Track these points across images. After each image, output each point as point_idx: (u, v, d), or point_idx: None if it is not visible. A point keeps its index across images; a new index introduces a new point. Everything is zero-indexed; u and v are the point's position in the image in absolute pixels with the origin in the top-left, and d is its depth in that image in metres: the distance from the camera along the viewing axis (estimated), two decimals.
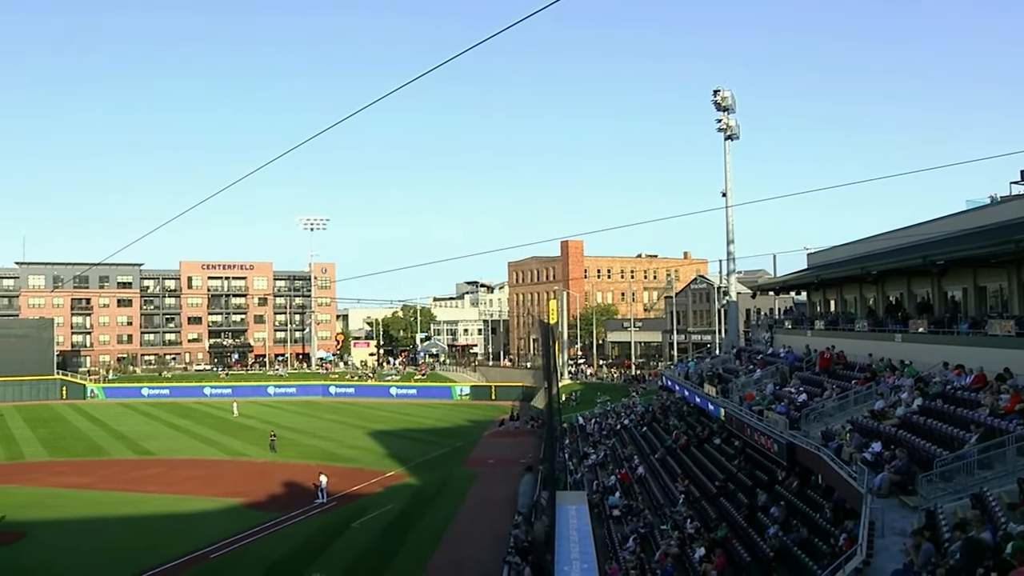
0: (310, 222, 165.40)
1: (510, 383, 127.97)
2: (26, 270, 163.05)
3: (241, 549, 45.81)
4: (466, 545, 45.69)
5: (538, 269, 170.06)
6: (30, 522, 52.12)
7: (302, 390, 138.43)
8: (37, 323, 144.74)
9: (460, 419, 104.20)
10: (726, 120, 71.73)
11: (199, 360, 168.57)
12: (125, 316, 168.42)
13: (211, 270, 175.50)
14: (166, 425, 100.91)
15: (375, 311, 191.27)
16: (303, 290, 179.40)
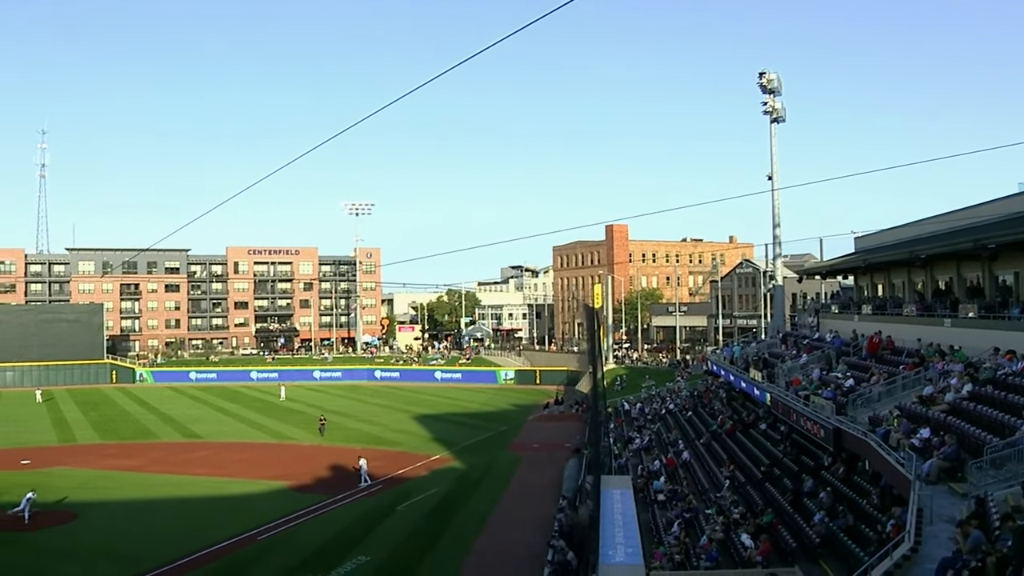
0: (355, 207, 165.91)
1: (555, 367, 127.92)
2: (76, 256, 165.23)
3: (288, 531, 46.23)
4: (511, 529, 45.79)
5: (583, 253, 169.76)
6: (82, 503, 52.96)
7: (347, 374, 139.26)
8: (87, 308, 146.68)
9: (505, 403, 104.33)
10: (772, 102, 70.95)
11: (246, 344, 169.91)
12: (173, 301, 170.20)
13: (257, 255, 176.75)
14: (213, 409, 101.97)
15: (420, 296, 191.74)
16: (348, 275, 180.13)
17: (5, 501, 52.77)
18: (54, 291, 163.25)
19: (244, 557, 41.44)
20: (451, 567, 38.75)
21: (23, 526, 47.56)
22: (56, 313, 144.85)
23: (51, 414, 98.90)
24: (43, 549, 43.48)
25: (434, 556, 40.99)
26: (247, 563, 40.32)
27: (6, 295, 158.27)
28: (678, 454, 54.63)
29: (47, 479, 55.74)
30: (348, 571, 38.58)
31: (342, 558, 40.33)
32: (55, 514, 49.90)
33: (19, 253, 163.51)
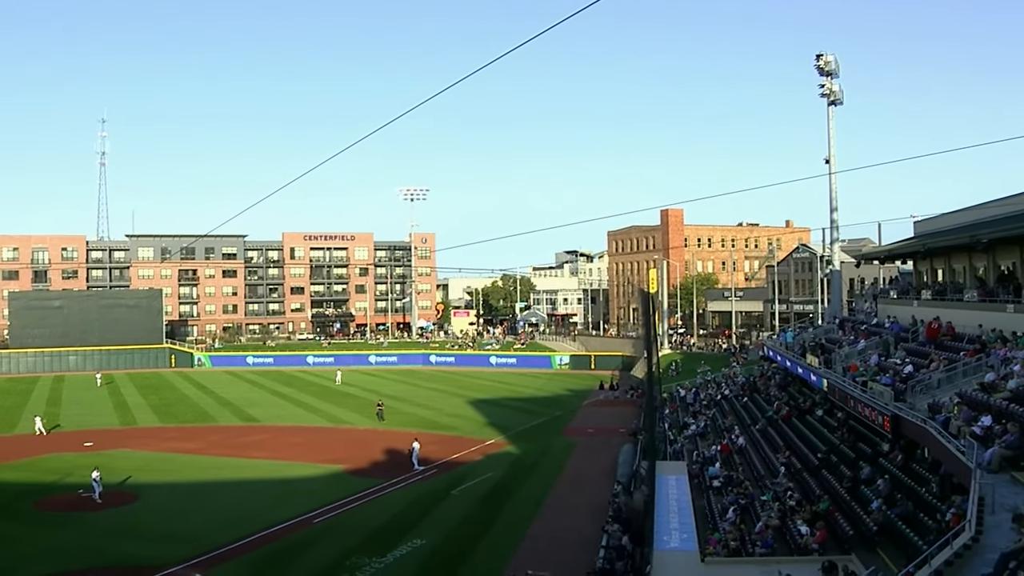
0: (410, 192, 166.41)
1: (610, 353, 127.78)
2: (136, 243, 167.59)
3: (344, 514, 46.62)
4: (565, 514, 45.83)
5: (638, 238, 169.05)
6: (142, 485, 53.89)
7: (403, 359, 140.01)
8: (147, 294, 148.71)
9: (559, 388, 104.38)
10: (829, 85, 69.99)
11: (302, 329, 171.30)
12: (230, 286, 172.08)
13: (313, 241, 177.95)
14: (270, 393, 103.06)
15: (475, 281, 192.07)
16: (403, 260, 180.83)
17: (71, 482, 53.96)
18: (114, 277, 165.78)
19: (300, 540, 41.87)
20: (505, 551, 38.88)
21: (88, 506, 48.59)
22: (117, 299, 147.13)
23: (113, 398, 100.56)
24: (106, 529, 44.38)
25: (488, 540, 41.15)
26: (303, 546, 40.74)
27: (68, 281, 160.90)
28: (733, 440, 54.32)
29: (109, 461, 56.69)
30: (403, 554, 38.84)
31: (397, 541, 40.63)
32: (118, 495, 50.81)
33: (81, 240, 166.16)
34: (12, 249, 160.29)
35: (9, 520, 46.13)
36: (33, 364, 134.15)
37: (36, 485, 54.25)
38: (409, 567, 37.11)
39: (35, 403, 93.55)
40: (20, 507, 49.07)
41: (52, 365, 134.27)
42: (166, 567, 37.16)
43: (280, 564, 38.04)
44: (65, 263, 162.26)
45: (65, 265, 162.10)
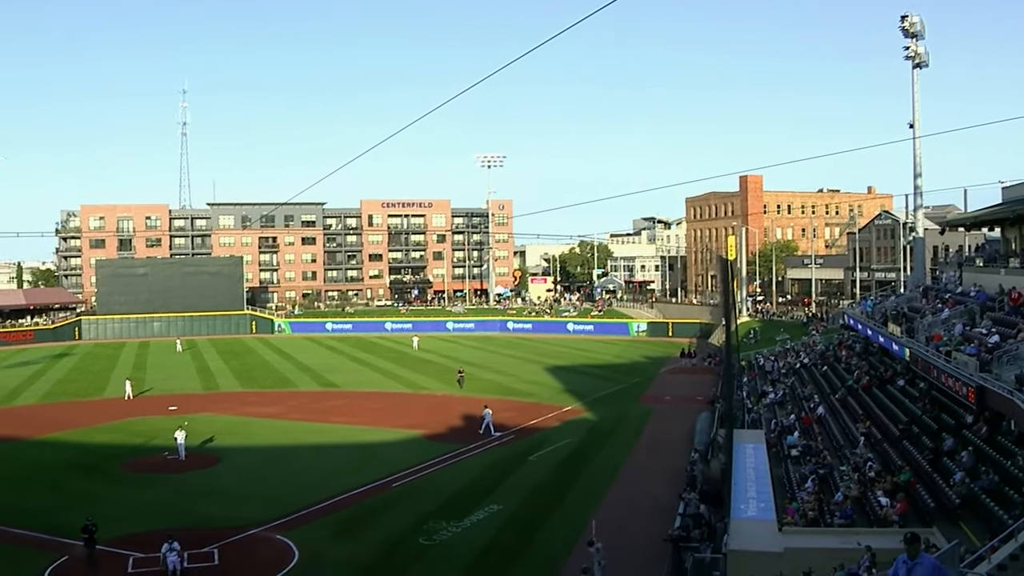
0: (487, 159, 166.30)
1: (687, 320, 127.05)
2: (217, 211, 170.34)
3: (421, 479, 47.10)
4: (641, 481, 45.80)
5: (716, 204, 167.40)
6: (225, 448, 55.08)
7: (480, 325, 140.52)
8: (228, 261, 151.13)
9: (637, 355, 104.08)
10: (914, 47, 68.31)
11: (380, 296, 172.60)
12: (309, 253, 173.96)
13: (391, 208, 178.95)
14: (349, 359, 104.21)
15: (552, 247, 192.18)
16: (481, 227, 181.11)
17: (156, 444, 55.28)
18: (196, 245, 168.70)
19: (379, 503, 42.41)
20: (582, 517, 38.91)
21: (172, 468, 49.78)
22: (199, 266, 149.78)
23: (195, 363, 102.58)
24: (190, 490, 45.44)
25: (565, 506, 41.28)
26: (381, 509, 41.26)
27: (152, 249, 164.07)
28: (812, 409, 53.74)
29: (192, 424, 57.87)
30: (480, 519, 39.16)
31: (474, 506, 40.96)
32: (200, 457, 52.00)
33: (164, 209, 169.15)
34: (99, 218, 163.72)
35: (98, 481, 47.52)
36: (119, 330, 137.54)
37: (123, 447, 55.74)
38: (486, 532, 37.42)
39: (122, 368, 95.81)
40: (108, 468, 50.44)
41: (137, 331, 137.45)
42: (247, 528, 37.95)
43: (358, 527, 38.59)
44: (149, 231, 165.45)
45: (149, 233, 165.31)
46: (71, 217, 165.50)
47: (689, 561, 28.89)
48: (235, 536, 36.88)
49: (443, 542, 36.18)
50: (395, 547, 35.83)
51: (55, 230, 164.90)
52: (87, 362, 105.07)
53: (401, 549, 35.55)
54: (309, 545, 35.84)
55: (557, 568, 31.93)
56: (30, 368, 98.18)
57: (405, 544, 36.08)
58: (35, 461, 51.98)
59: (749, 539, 27.07)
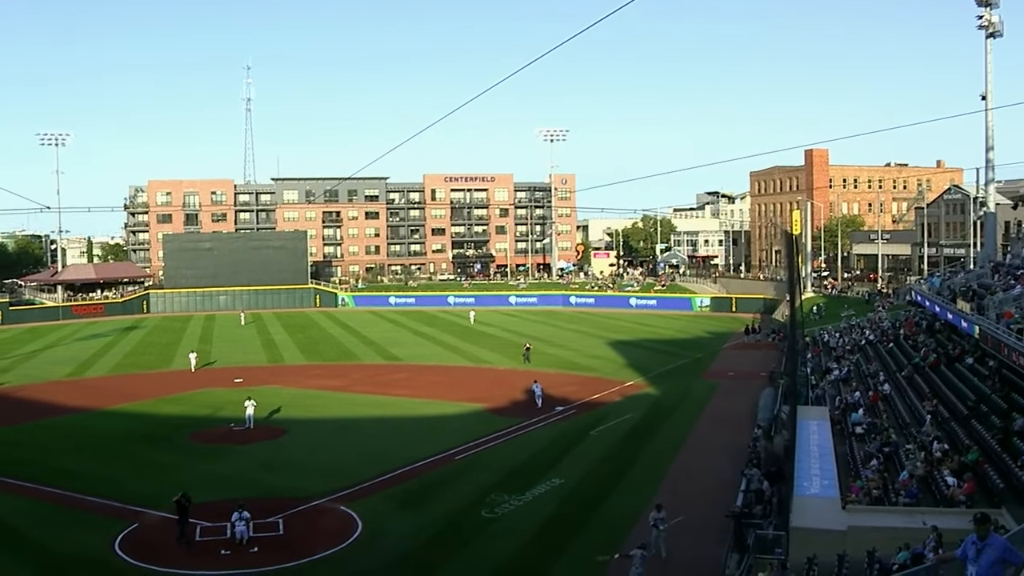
0: (550, 133, 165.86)
1: (751, 295, 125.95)
2: (281, 186, 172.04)
3: (484, 452, 47.38)
4: (704, 456, 45.65)
5: (781, 179, 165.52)
6: (290, 420, 55.85)
7: (543, 299, 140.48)
8: (292, 235, 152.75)
9: (700, 330, 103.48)
10: (988, 16, 66.69)
11: (443, 270, 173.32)
12: (373, 228, 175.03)
13: (454, 182, 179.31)
14: (412, 332, 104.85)
15: (615, 222, 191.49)
16: (543, 201, 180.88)
17: (222, 416, 56.19)
18: (261, 219, 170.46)
19: (442, 476, 42.76)
20: (644, 493, 38.92)
21: (238, 439, 50.67)
22: (263, 240, 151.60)
23: (260, 336, 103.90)
24: (256, 461, 46.22)
25: (627, 481, 41.29)
26: (444, 482, 41.58)
27: (218, 224, 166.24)
28: (878, 386, 53.10)
29: (258, 397, 58.61)
30: (542, 492, 39.30)
31: (536, 480, 41.11)
32: (267, 429, 52.79)
33: (229, 184, 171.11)
34: (165, 193, 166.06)
35: (167, 451, 48.50)
36: (186, 303, 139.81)
37: (190, 418, 56.76)
38: (547, 505, 37.55)
39: (188, 341, 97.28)
40: (177, 439, 51.45)
41: (203, 304, 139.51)
42: (312, 499, 38.47)
43: (422, 499, 38.92)
44: (215, 206, 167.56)
45: (215, 208, 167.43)
46: (139, 193, 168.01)
47: (751, 537, 28.77)
48: (300, 507, 37.43)
49: (505, 515, 36.40)
50: (457, 519, 36.12)
51: (123, 205, 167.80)
52: (155, 335, 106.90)
53: (463, 522, 35.83)
54: (372, 517, 36.24)
55: (619, 542, 31.95)
56: (101, 340, 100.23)
57: (467, 517, 36.36)
58: (106, 431, 53.17)
59: (812, 516, 26.90)
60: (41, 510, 37.88)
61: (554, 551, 32.20)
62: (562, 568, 30.76)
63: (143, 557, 31.96)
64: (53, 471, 43.64)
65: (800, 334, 60.64)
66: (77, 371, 78.27)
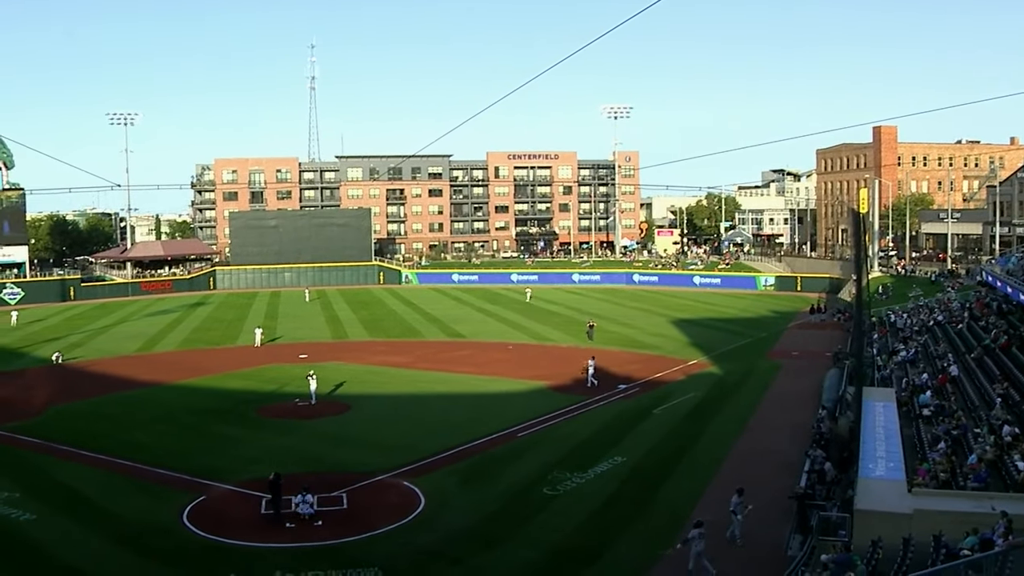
0: (614, 110, 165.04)
1: (816, 274, 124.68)
2: (345, 163, 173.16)
3: (546, 430, 47.42)
4: (767, 436, 45.31)
5: (848, 156, 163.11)
6: (355, 395, 56.40)
7: (606, 278, 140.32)
8: (356, 213, 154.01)
9: (764, 309, 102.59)
10: None
11: (506, 248, 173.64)
12: (436, 205, 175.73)
13: (517, 160, 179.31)
14: (475, 309, 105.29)
15: (679, 200, 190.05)
16: (607, 178, 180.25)
17: (288, 391, 56.92)
18: (326, 197, 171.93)
19: (504, 453, 42.92)
20: (706, 471, 38.81)
21: (304, 414, 51.36)
22: (328, 218, 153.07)
23: (325, 312, 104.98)
24: (321, 436, 46.82)
25: (690, 459, 41.14)
26: (507, 458, 41.73)
27: (283, 201, 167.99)
28: (946, 368, 52.30)
29: (322, 372, 59.30)
30: (604, 471, 39.29)
31: (599, 457, 41.11)
32: (331, 404, 53.40)
33: (294, 162, 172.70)
34: (231, 172, 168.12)
35: (236, 425, 49.41)
36: (252, 280, 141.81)
37: (257, 393, 57.62)
38: (609, 483, 37.55)
39: (254, 317, 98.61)
40: (244, 412, 52.36)
41: (269, 281, 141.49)
42: (375, 474, 38.85)
43: (484, 475, 39.16)
44: (280, 184, 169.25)
45: (280, 186, 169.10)
46: (206, 171, 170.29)
47: (815, 519, 28.55)
48: (364, 481, 37.81)
49: (567, 492, 36.46)
50: (519, 496, 36.25)
51: (191, 184, 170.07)
52: (221, 311, 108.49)
53: (525, 498, 35.95)
54: (435, 492, 36.52)
55: (681, 520, 31.89)
56: (169, 316, 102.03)
57: (529, 493, 36.47)
58: (175, 405, 54.21)
59: (877, 499, 26.61)
60: (113, 481, 38.85)
61: (616, 529, 32.21)
62: (623, 546, 30.76)
63: (210, 528, 32.59)
64: (124, 443, 44.74)
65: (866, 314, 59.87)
66: (146, 346, 79.76)
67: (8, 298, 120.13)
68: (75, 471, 40.36)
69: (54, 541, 31.60)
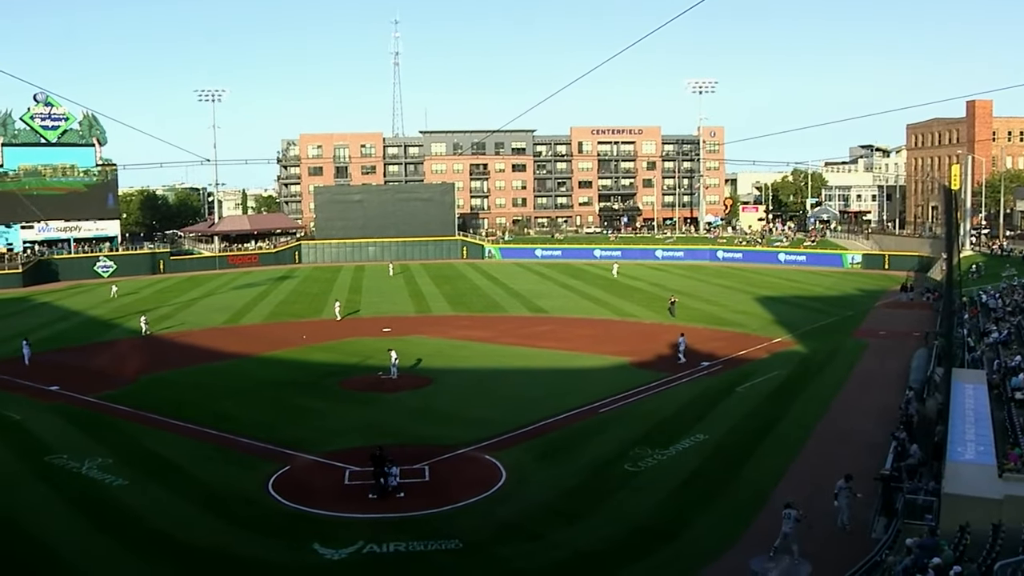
0: (698, 85, 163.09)
1: (905, 252, 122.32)
2: (429, 138, 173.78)
3: (628, 406, 47.32)
4: (852, 416, 44.63)
5: (940, 131, 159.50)
6: (437, 369, 56.88)
7: (689, 254, 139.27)
8: (440, 187, 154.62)
9: (850, 288, 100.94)
10: None
11: (589, 223, 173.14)
12: (519, 180, 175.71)
13: (600, 135, 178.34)
14: (558, 285, 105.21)
15: (764, 175, 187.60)
16: (691, 154, 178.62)
17: (371, 364, 57.53)
18: (409, 172, 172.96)
19: (585, 428, 42.92)
20: (790, 450, 38.42)
21: (386, 387, 51.90)
22: (411, 192, 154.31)
23: (408, 287, 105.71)
24: (402, 409, 47.31)
25: (773, 438, 40.71)
26: (588, 434, 41.73)
27: (367, 176, 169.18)
28: None
29: (405, 346, 59.86)
30: (685, 448, 39.13)
31: (680, 435, 40.94)
32: (414, 378, 53.96)
33: (378, 137, 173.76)
34: (316, 147, 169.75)
35: (319, 397, 50.16)
36: (336, 254, 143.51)
37: (340, 366, 58.43)
38: (691, 460, 37.39)
39: (338, 291, 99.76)
40: (328, 385, 53.14)
41: (353, 255, 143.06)
42: (457, 447, 39.18)
43: (565, 450, 39.23)
44: (364, 159, 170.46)
45: (364, 161, 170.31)
46: (291, 146, 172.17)
47: (900, 502, 28.08)
48: (445, 455, 38.17)
49: (648, 469, 36.39)
50: (600, 471, 36.29)
51: (276, 159, 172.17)
52: (306, 285, 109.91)
53: (606, 474, 35.98)
54: (516, 466, 36.71)
55: (764, 499, 31.64)
56: (255, 290, 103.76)
57: (610, 469, 36.48)
58: (261, 377, 55.30)
59: (966, 483, 26.05)
60: (201, 450, 39.98)
61: (697, 507, 32.07)
62: (704, 524, 30.62)
63: (295, 498, 33.26)
64: (212, 413, 45.92)
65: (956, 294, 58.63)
66: (233, 319, 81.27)
67: (101, 271, 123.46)
68: (164, 439, 41.56)
69: (145, 506, 32.61)
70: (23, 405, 48.67)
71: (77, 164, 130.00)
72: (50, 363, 60.37)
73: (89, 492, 34.28)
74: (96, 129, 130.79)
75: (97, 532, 30.39)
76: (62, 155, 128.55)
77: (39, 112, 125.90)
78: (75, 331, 75.83)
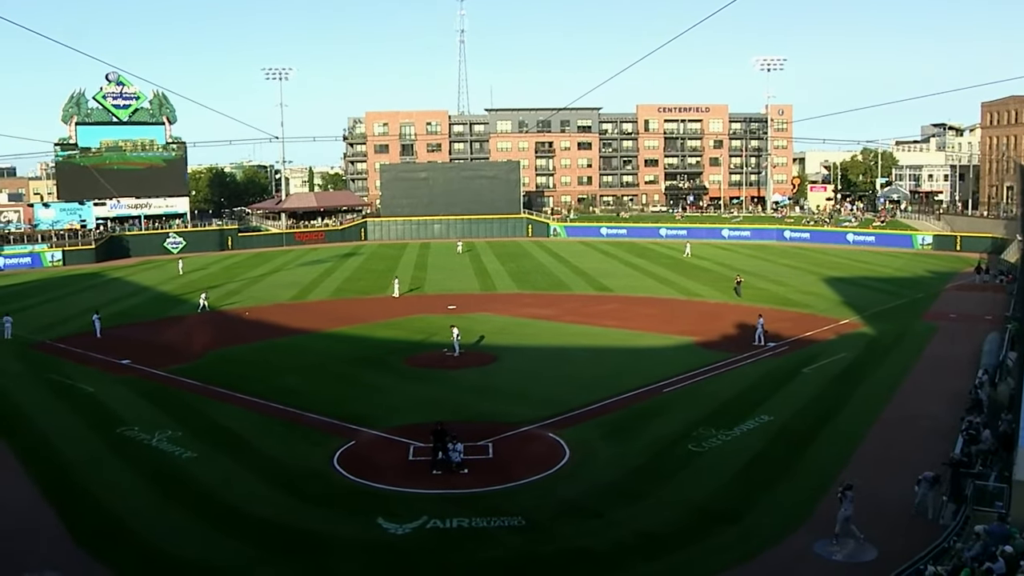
0: (767, 63, 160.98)
1: (978, 234, 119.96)
2: (494, 116, 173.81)
3: (692, 386, 47.09)
4: (921, 401, 43.91)
5: (1017, 109, 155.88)
6: (501, 347, 57.14)
7: (756, 234, 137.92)
8: (505, 165, 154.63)
9: (920, 269, 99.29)
10: None
11: (655, 202, 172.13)
12: (585, 158, 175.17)
13: (667, 113, 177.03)
14: (623, 263, 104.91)
15: (833, 154, 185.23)
16: (759, 132, 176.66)
17: (435, 341, 57.88)
18: (475, 150, 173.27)
19: (649, 408, 42.80)
20: (856, 433, 37.96)
21: (450, 364, 52.31)
22: (477, 170, 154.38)
23: (473, 264, 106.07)
24: (466, 386, 47.53)
25: (838, 421, 40.22)
26: (651, 414, 41.63)
27: (433, 154, 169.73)
28: None
29: (470, 323, 60.10)
30: (750, 429, 38.87)
31: (745, 416, 40.65)
32: (478, 355, 54.25)
33: (443, 115, 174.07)
34: (382, 124, 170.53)
35: (383, 374, 50.66)
36: (402, 231, 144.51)
37: (405, 342, 58.89)
38: (755, 442, 37.13)
39: (404, 268, 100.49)
40: (392, 362, 53.54)
41: (418, 232, 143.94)
42: (521, 425, 39.29)
43: (628, 429, 39.17)
44: (430, 137, 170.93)
45: (430, 139, 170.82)
46: (357, 124, 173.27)
47: (970, 488, 27.63)
48: (509, 432, 38.30)
49: (712, 449, 36.23)
50: (663, 451, 36.20)
51: (343, 136, 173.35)
52: (372, 262, 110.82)
53: (669, 454, 35.90)
54: (580, 445, 36.74)
55: (829, 483, 31.31)
56: (321, 266, 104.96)
57: (673, 449, 36.37)
58: (327, 352, 55.95)
59: None
60: (268, 424, 40.65)
61: (761, 488, 31.85)
62: (768, 505, 30.41)
63: (359, 473, 33.68)
64: (278, 388, 46.55)
65: None
66: (300, 295, 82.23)
67: (171, 247, 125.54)
68: (232, 413, 42.31)
69: (214, 480, 33.27)
70: (95, 378, 49.86)
71: (156, 140, 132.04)
72: (121, 337, 61.77)
73: (160, 465, 35.00)
74: (166, 107, 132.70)
75: (168, 505, 30.97)
76: (133, 133, 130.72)
77: (111, 91, 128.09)
78: (145, 306, 77.38)
